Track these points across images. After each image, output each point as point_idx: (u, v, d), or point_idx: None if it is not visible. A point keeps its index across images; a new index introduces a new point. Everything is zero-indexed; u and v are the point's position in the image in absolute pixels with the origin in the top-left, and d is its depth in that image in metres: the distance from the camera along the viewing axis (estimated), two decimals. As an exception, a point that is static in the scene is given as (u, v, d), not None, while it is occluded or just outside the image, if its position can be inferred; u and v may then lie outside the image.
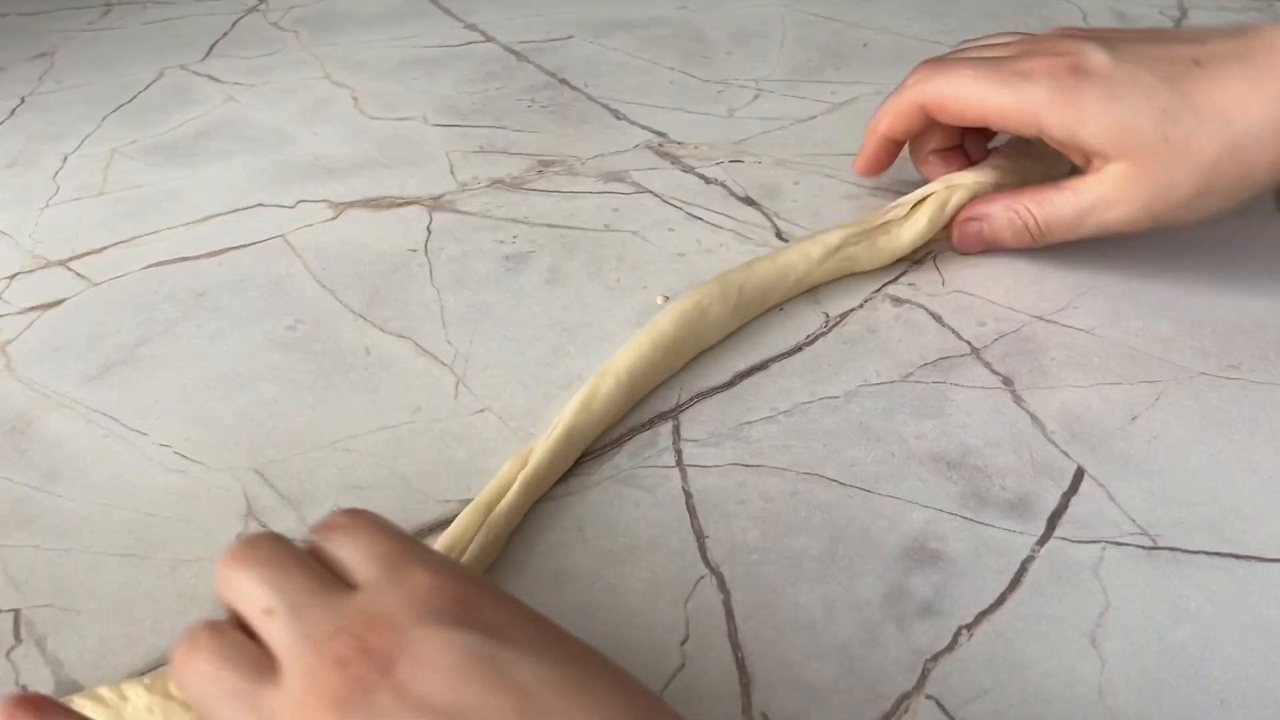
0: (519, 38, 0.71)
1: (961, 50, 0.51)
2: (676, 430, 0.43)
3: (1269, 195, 0.54)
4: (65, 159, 0.61)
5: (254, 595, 0.28)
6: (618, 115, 0.63)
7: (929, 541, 0.38)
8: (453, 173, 0.58)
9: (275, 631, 0.27)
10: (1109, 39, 0.45)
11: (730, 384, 0.45)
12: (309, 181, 0.58)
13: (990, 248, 0.50)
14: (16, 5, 0.78)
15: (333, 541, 0.30)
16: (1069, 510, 0.39)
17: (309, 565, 0.29)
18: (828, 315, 0.48)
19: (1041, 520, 0.38)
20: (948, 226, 0.50)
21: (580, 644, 0.28)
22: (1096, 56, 0.44)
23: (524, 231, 0.54)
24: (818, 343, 0.46)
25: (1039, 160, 0.51)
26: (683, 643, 0.35)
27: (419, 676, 0.25)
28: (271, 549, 0.29)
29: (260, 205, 0.56)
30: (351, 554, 0.29)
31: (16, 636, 0.36)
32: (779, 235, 0.53)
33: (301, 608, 0.27)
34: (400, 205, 0.56)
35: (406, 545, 0.29)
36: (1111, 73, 0.43)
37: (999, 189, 0.49)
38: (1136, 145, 0.43)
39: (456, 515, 0.39)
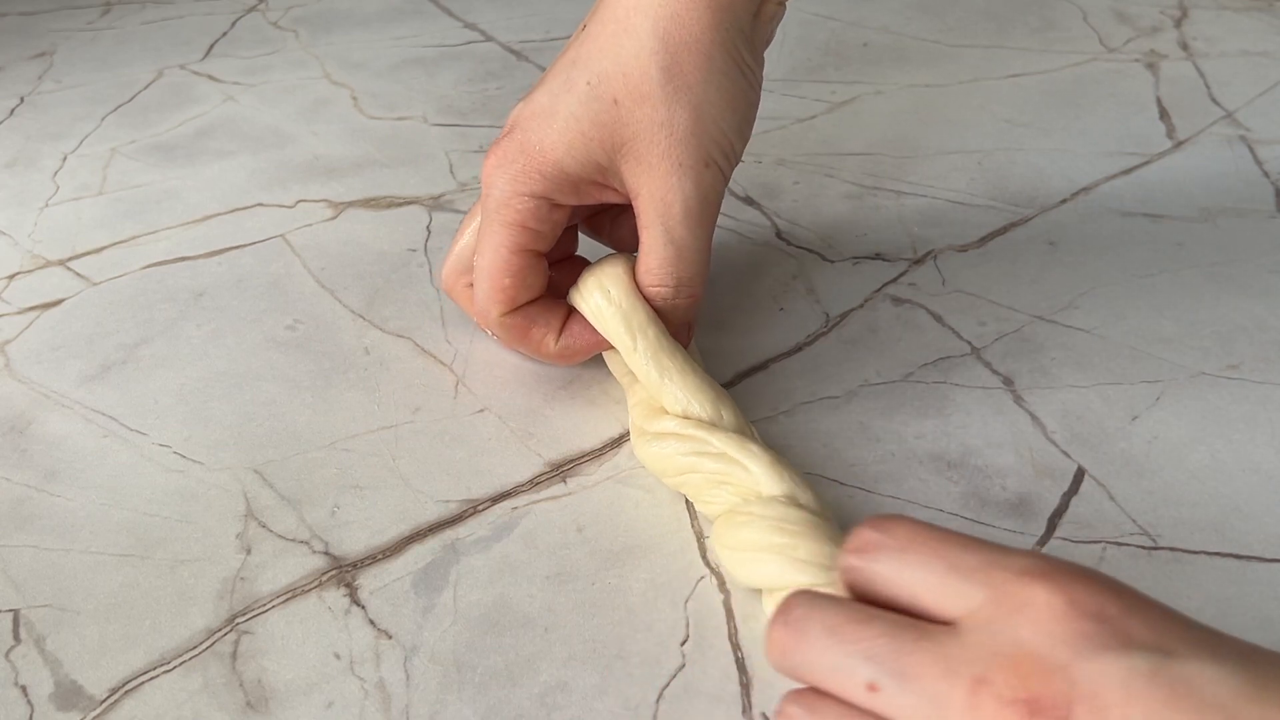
0: (519, 37, 0.71)
1: None
2: (676, 430, 0.43)
3: (1269, 195, 0.54)
4: (64, 158, 0.60)
5: (844, 671, 0.25)
6: (617, 115, 0.63)
7: (929, 541, 0.38)
8: (452, 172, 0.58)
9: (896, 707, 0.24)
10: None
11: (730, 384, 0.45)
12: (308, 181, 0.58)
13: (686, 327, 0.42)
14: (15, 4, 0.78)
15: (882, 564, 0.26)
16: (1069, 510, 0.39)
17: (880, 616, 0.25)
18: (828, 315, 0.48)
19: (1042, 520, 0.38)
20: None
21: (1237, 640, 0.25)
22: (514, 111, 0.41)
23: (524, 231, 0.53)
24: (818, 343, 0.46)
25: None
26: (683, 643, 0.35)
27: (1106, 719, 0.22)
28: (825, 612, 0.26)
29: (260, 205, 0.56)
30: (918, 576, 0.25)
31: (16, 636, 0.36)
32: (779, 235, 0.53)
33: (910, 671, 0.24)
34: (400, 205, 0.56)
35: (979, 550, 0.25)
36: (530, 105, 0.40)
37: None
38: (603, 132, 0.38)
39: (456, 516, 0.39)
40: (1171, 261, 0.50)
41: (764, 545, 0.35)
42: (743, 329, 0.47)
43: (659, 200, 0.39)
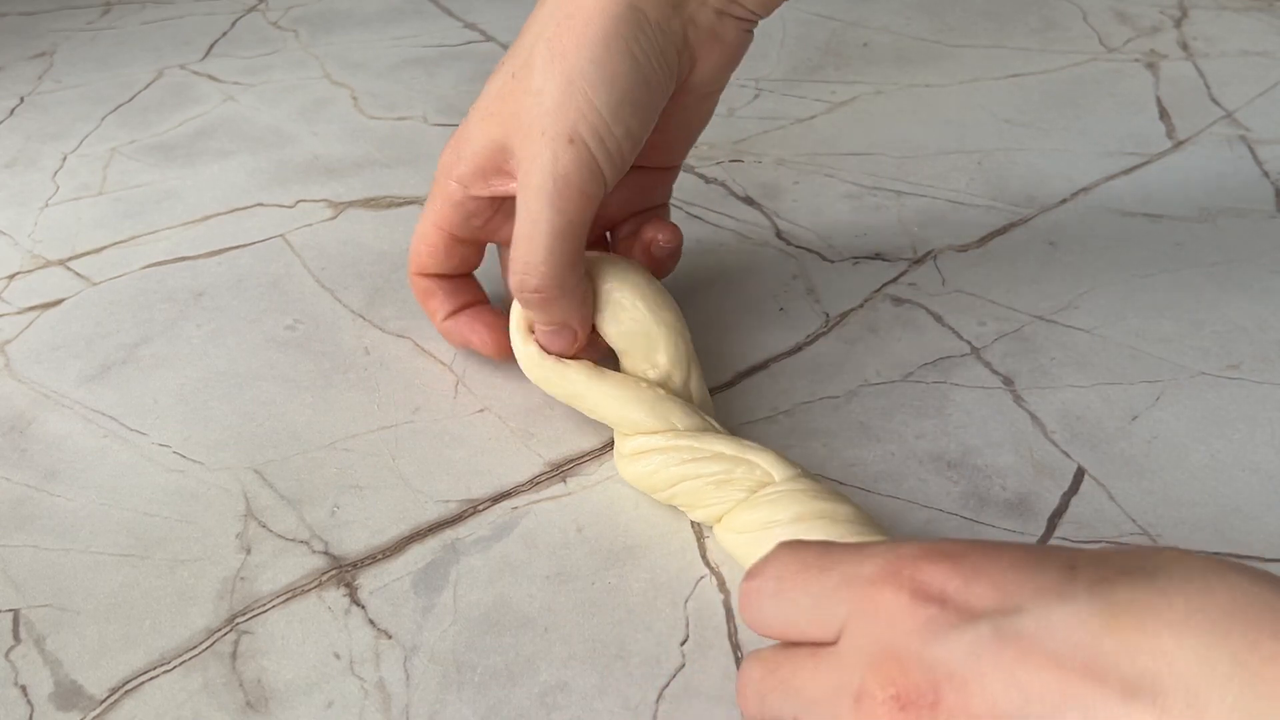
0: (518, 37, 0.71)
1: None
2: (676, 430, 0.42)
3: (1269, 195, 0.54)
4: (64, 158, 0.60)
5: (775, 716, 0.27)
6: (617, 115, 0.63)
7: (929, 541, 0.38)
8: (452, 172, 0.58)
9: None
10: None
11: (730, 384, 0.45)
12: (308, 181, 0.58)
13: (560, 335, 0.40)
14: (15, 5, 0.78)
15: (765, 610, 0.28)
16: (1069, 510, 0.39)
17: (786, 658, 0.27)
18: (828, 315, 0.48)
19: (1042, 520, 0.38)
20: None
21: (1099, 567, 0.24)
22: None
23: (524, 231, 0.53)
24: (818, 343, 0.46)
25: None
26: (683, 643, 0.35)
27: (970, 693, 0.23)
28: (751, 669, 0.28)
29: (259, 205, 0.56)
30: (793, 614, 0.27)
31: (16, 636, 0.36)
32: (779, 235, 0.53)
33: (814, 699, 0.26)
34: (400, 205, 0.56)
35: (837, 567, 0.27)
36: None
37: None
38: (504, 108, 0.38)
39: (456, 516, 0.39)
40: (1171, 261, 0.50)
41: (798, 513, 0.35)
42: (743, 329, 0.47)
43: (523, 171, 0.37)
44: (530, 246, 0.37)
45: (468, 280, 0.45)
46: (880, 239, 0.52)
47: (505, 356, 0.43)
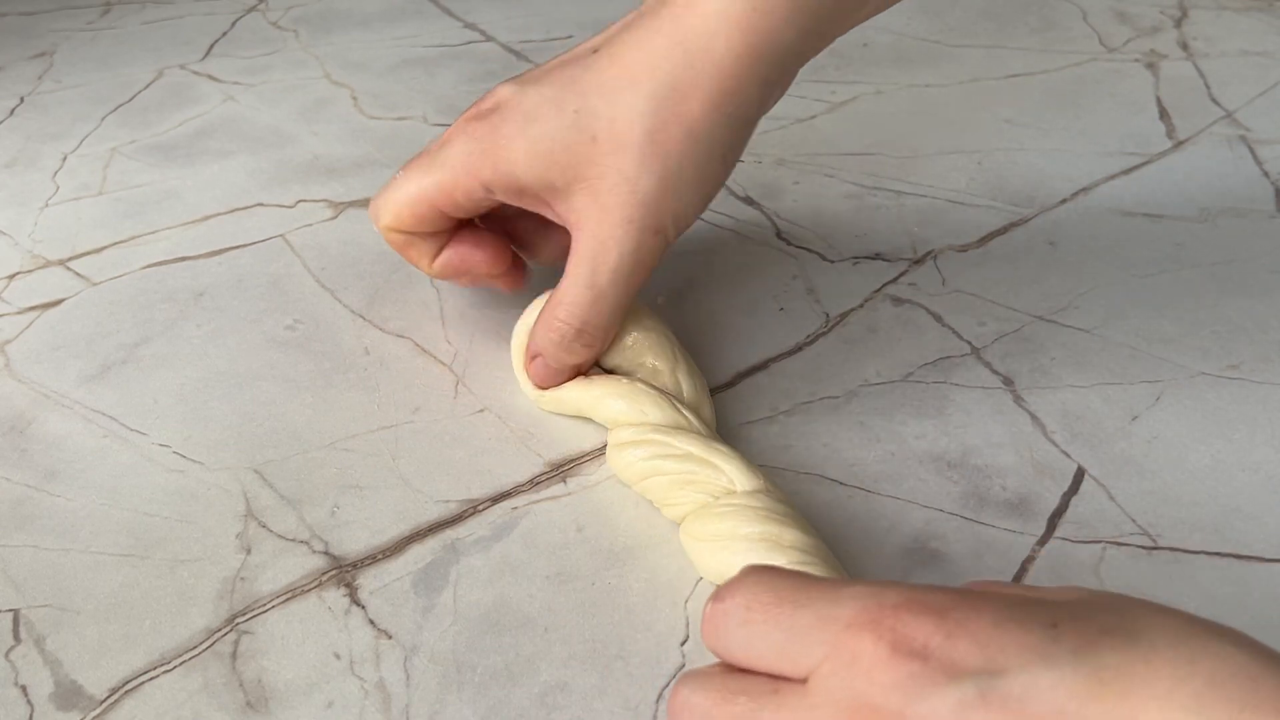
0: (519, 37, 0.71)
1: None
2: (676, 430, 0.43)
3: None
4: (64, 158, 0.60)
5: None
6: (617, 115, 0.63)
7: (929, 541, 0.38)
8: (452, 172, 0.58)
9: None
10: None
11: (730, 384, 0.45)
12: (308, 181, 0.58)
13: (563, 373, 0.42)
14: (15, 5, 0.78)
15: (731, 638, 0.27)
16: (1069, 510, 0.39)
17: (744, 689, 0.26)
18: (828, 315, 0.48)
19: (1042, 520, 0.38)
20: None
21: (1085, 629, 0.24)
22: (502, 91, 0.40)
23: (524, 231, 0.53)
24: (818, 343, 0.46)
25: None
26: (683, 643, 0.35)
27: None
28: (700, 695, 0.27)
29: (260, 205, 0.56)
30: (762, 647, 0.26)
31: (16, 636, 0.36)
32: (779, 235, 0.53)
33: None
34: (400, 205, 0.56)
35: (812, 605, 0.26)
36: (518, 98, 0.39)
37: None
38: (570, 160, 0.38)
39: (456, 516, 0.39)
40: (1171, 261, 0.50)
41: (746, 534, 0.35)
42: (743, 329, 0.47)
43: (598, 244, 0.39)
44: (595, 311, 0.40)
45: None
46: (880, 239, 0.52)
47: (508, 274, 0.45)
